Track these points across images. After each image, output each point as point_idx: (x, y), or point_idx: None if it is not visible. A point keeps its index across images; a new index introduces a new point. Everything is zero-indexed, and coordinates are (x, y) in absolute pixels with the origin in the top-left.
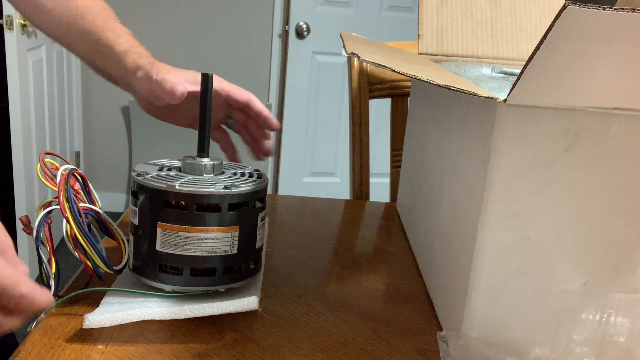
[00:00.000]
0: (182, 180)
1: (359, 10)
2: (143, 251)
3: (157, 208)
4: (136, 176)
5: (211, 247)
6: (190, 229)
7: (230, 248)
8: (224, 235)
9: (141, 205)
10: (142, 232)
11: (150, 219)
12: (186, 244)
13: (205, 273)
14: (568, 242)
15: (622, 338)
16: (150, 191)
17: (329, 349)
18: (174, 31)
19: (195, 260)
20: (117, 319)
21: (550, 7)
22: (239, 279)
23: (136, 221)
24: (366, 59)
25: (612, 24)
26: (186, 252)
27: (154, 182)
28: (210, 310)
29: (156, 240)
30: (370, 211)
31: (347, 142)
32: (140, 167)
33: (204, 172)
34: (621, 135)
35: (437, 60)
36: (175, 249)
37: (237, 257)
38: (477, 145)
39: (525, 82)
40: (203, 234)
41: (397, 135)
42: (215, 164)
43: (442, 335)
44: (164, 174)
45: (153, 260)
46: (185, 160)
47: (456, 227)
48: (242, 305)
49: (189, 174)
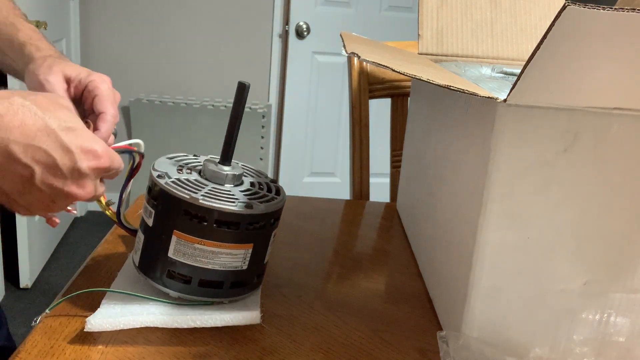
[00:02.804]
0: (204, 190)
1: (359, 10)
2: (153, 253)
3: (176, 216)
4: (157, 177)
5: (223, 262)
6: (206, 242)
7: (241, 264)
8: (238, 252)
9: (159, 209)
10: (155, 235)
11: (167, 225)
12: (200, 256)
13: (213, 285)
14: (568, 242)
15: (622, 338)
16: (171, 198)
17: (329, 349)
18: (174, 31)
19: (205, 273)
20: (120, 324)
21: (550, 7)
22: (243, 293)
23: (150, 222)
24: (366, 58)
25: (612, 24)
26: (198, 264)
27: (177, 189)
28: (213, 322)
29: (169, 247)
30: (370, 211)
31: (347, 142)
32: (160, 164)
33: (225, 182)
34: (621, 135)
35: (437, 60)
36: (187, 259)
37: (246, 273)
38: (477, 145)
39: (525, 82)
40: (218, 249)
41: (397, 135)
42: (236, 174)
43: (442, 335)
44: (185, 178)
45: (163, 265)
46: (207, 166)
47: (456, 227)
48: (245, 319)
49: (209, 181)
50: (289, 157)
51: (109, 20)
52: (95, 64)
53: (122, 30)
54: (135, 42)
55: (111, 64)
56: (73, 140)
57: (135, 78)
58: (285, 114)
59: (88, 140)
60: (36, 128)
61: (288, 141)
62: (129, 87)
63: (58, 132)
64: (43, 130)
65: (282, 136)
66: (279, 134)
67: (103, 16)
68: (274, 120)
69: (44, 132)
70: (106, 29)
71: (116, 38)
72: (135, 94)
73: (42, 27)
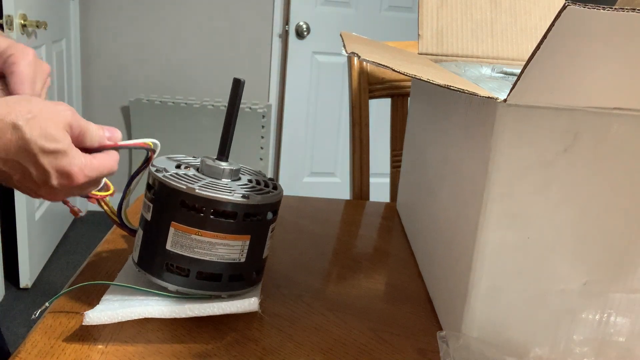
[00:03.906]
0: (201, 182)
1: (359, 10)
2: (151, 247)
3: (173, 207)
4: (155, 172)
5: (221, 254)
6: (203, 233)
7: (239, 256)
8: (236, 243)
9: (157, 202)
10: (153, 228)
11: (164, 217)
12: (197, 247)
13: (211, 278)
14: (568, 242)
15: (622, 338)
16: (168, 189)
17: (329, 349)
18: (174, 31)
19: (203, 264)
20: (117, 316)
21: (550, 7)
22: (242, 287)
23: (149, 216)
24: (366, 58)
25: (612, 24)
26: (196, 255)
27: (174, 181)
28: (211, 311)
29: (167, 239)
30: (370, 211)
31: (347, 142)
32: (159, 161)
33: (222, 176)
34: (621, 135)
35: (437, 60)
36: (185, 250)
37: (244, 266)
38: (477, 145)
39: (525, 82)
40: (215, 240)
41: (397, 135)
42: (234, 169)
43: (442, 335)
44: (182, 172)
45: (161, 258)
46: (204, 162)
47: (456, 227)
48: (243, 307)
49: (207, 176)
50: (289, 157)
51: (109, 20)
52: (95, 64)
53: (122, 30)
54: (135, 42)
55: (111, 63)
56: (50, 162)
57: (135, 78)
58: (285, 114)
59: (66, 162)
60: (18, 147)
61: (288, 141)
62: (129, 87)
63: (37, 155)
64: (24, 151)
65: (282, 136)
66: (279, 134)
67: (103, 16)
68: (274, 120)
69: (24, 152)
70: (106, 29)
71: (116, 38)
72: (135, 94)
73: (42, 27)
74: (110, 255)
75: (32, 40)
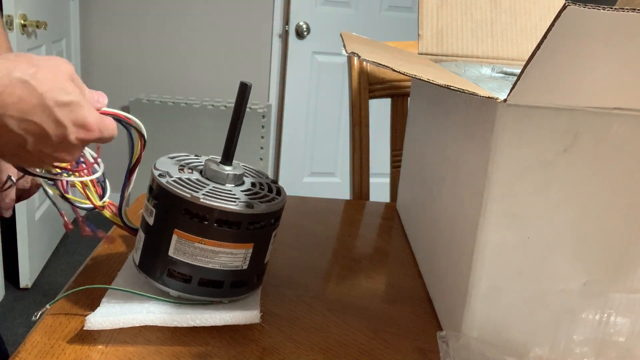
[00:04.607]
0: (205, 189)
1: (359, 10)
2: (153, 252)
3: (177, 215)
4: (159, 176)
5: (224, 262)
6: (207, 241)
7: (242, 264)
8: (239, 251)
9: (159, 207)
10: (156, 233)
11: (167, 223)
12: (200, 255)
13: (213, 284)
14: (568, 242)
15: (622, 338)
16: (172, 196)
17: (329, 349)
18: (174, 31)
19: (205, 272)
20: (119, 322)
21: (550, 7)
22: (243, 293)
23: (151, 221)
24: (366, 58)
25: (612, 24)
26: (198, 263)
27: (178, 188)
28: (213, 321)
29: (170, 246)
30: (370, 211)
31: (347, 142)
32: (161, 163)
33: (226, 181)
34: (621, 135)
35: (437, 60)
36: (188, 257)
37: (246, 273)
38: (477, 145)
39: (525, 82)
40: (218, 248)
41: (397, 135)
42: (237, 174)
43: (442, 335)
44: (186, 177)
45: (163, 264)
46: (208, 165)
47: (456, 227)
48: (245, 318)
49: (210, 181)
50: (289, 157)
51: (109, 20)
52: (95, 64)
53: (122, 31)
54: (135, 42)
55: (111, 63)
56: (67, 115)
57: (135, 78)
58: (285, 114)
59: (82, 114)
60: (32, 104)
61: (288, 141)
62: (129, 87)
63: (52, 108)
64: (38, 107)
65: (282, 136)
66: (279, 134)
67: (103, 16)
68: (274, 120)
69: (39, 108)
70: (106, 29)
71: (116, 38)
72: (135, 94)
73: (42, 27)
74: (110, 255)
75: (32, 40)
